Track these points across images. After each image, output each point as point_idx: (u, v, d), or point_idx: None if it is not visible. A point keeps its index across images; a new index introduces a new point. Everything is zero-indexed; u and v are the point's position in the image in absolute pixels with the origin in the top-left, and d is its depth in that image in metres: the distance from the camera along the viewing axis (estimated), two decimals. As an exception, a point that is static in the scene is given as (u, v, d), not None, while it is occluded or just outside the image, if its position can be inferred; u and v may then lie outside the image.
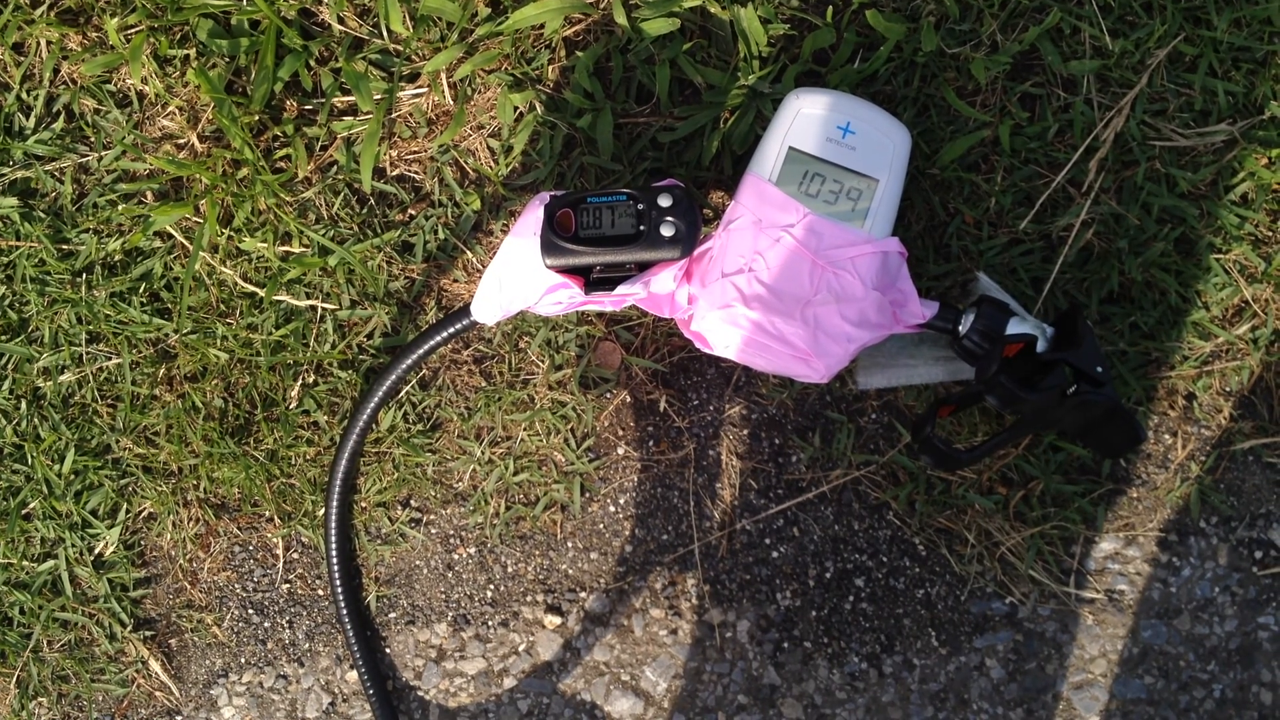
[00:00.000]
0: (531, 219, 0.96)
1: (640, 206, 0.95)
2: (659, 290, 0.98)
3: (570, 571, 1.22)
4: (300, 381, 1.19)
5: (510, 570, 1.22)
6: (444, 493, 1.22)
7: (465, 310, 1.03)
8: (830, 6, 1.05)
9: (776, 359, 0.98)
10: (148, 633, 1.27)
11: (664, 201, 0.95)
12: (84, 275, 1.17)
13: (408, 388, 1.19)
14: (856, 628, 1.19)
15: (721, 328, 0.97)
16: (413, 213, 1.15)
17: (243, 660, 1.27)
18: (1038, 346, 0.98)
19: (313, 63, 1.11)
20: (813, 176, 0.97)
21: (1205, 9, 1.03)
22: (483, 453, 1.19)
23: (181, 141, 1.14)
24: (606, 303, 0.98)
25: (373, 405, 1.12)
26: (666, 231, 0.94)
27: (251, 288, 1.16)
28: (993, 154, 1.08)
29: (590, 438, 1.19)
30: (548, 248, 0.94)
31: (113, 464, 1.23)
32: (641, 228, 0.95)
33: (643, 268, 0.97)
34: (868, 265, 0.95)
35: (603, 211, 0.96)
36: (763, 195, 0.97)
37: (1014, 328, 0.98)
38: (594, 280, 0.97)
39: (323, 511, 1.20)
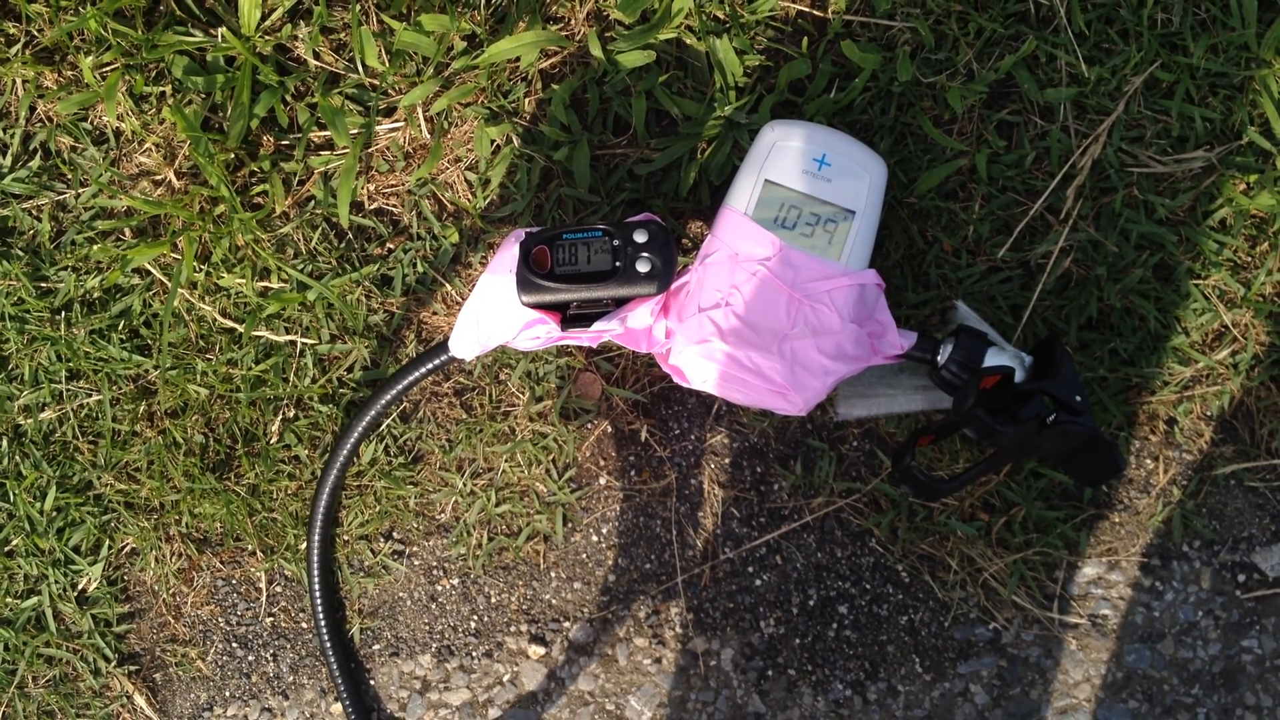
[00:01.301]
0: (507, 256, 0.96)
1: (616, 242, 0.95)
2: (636, 326, 0.98)
3: (554, 601, 1.22)
4: (281, 416, 1.19)
5: (494, 601, 1.22)
6: (426, 525, 1.22)
7: (444, 346, 1.03)
8: (806, 37, 1.05)
9: (754, 393, 0.98)
10: (132, 668, 1.27)
11: (639, 237, 0.95)
12: (63, 313, 1.17)
13: (388, 421, 1.19)
14: (840, 655, 1.19)
15: (698, 362, 0.97)
16: (391, 246, 1.15)
17: (227, 694, 1.27)
18: (1016, 376, 0.98)
19: (289, 98, 1.11)
20: (789, 209, 0.97)
21: (1181, 35, 1.03)
22: (465, 484, 1.19)
23: (159, 178, 1.14)
24: (584, 339, 0.98)
25: (354, 439, 1.12)
26: (642, 267, 0.94)
27: (230, 323, 1.16)
28: (970, 182, 1.08)
29: (572, 468, 1.19)
30: (523, 285, 0.94)
31: (94, 500, 1.23)
32: (617, 264, 0.95)
33: (619, 303, 0.96)
34: (844, 298, 0.95)
35: (578, 248, 0.95)
36: (739, 229, 0.97)
37: (992, 358, 0.98)
38: (571, 316, 0.97)
39: (305, 545, 1.20)
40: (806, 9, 1.06)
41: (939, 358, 0.99)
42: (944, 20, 1.04)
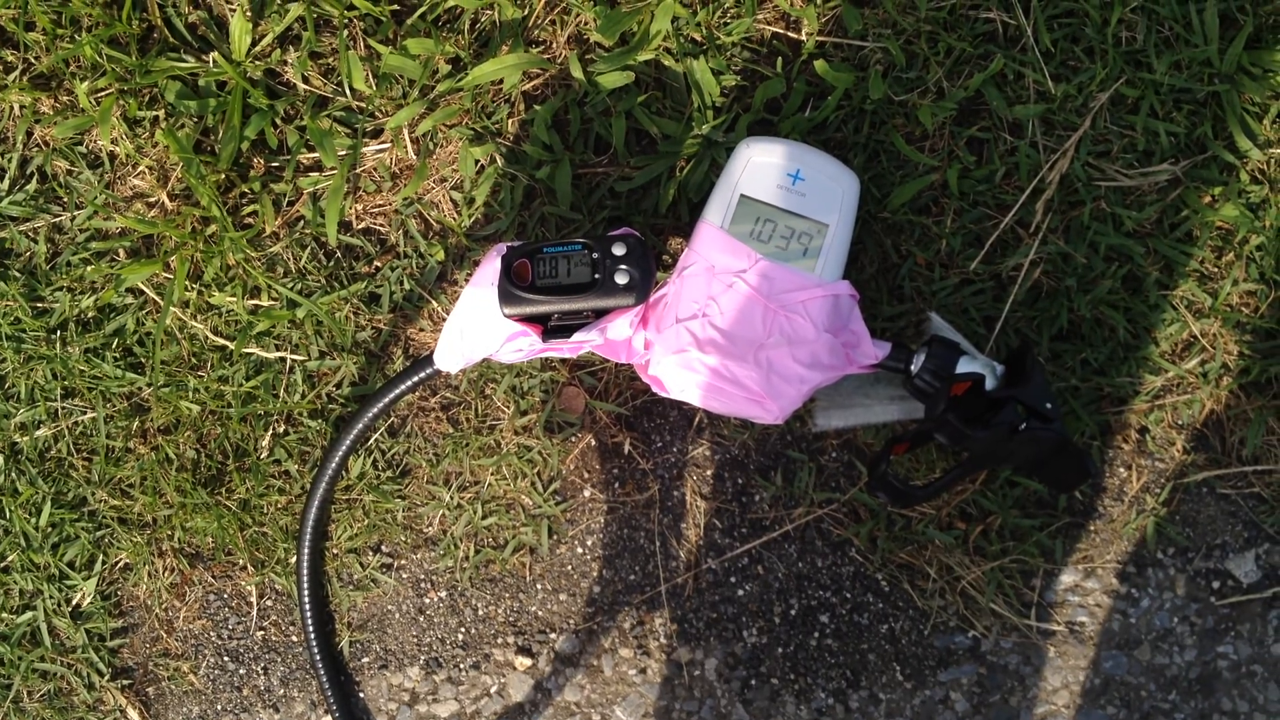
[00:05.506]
0: (489, 269, 0.98)
1: (595, 255, 0.98)
2: (615, 336, 1.00)
3: (540, 613, 1.24)
4: (271, 431, 1.21)
5: (481, 613, 1.24)
6: (414, 538, 1.24)
7: (429, 359, 1.06)
8: (780, 58, 1.08)
9: (731, 401, 1.00)
10: (125, 682, 1.29)
11: (618, 250, 0.97)
12: (59, 332, 1.20)
13: (376, 435, 1.21)
14: (822, 664, 1.21)
15: (677, 372, 1.00)
16: (378, 264, 1.18)
17: (219, 707, 1.28)
18: (987, 384, 1.00)
19: (278, 121, 1.14)
20: (764, 223, 1.00)
21: (1145, 52, 1.06)
22: (451, 498, 1.21)
23: (152, 200, 1.17)
24: (565, 349, 1.00)
25: (342, 453, 1.14)
26: (621, 279, 0.97)
27: (222, 341, 1.19)
28: (942, 197, 1.10)
29: (556, 481, 1.21)
30: (505, 297, 0.97)
31: (89, 516, 1.25)
32: (597, 276, 0.97)
33: (599, 315, 0.99)
34: (819, 308, 0.98)
35: (558, 261, 0.98)
36: (715, 242, 0.99)
37: (964, 367, 1.00)
38: (552, 328, 1.00)
39: (295, 559, 1.21)
40: (781, 30, 1.09)
41: (913, 367, 1.01)
42: (914, 40, 1.07)
